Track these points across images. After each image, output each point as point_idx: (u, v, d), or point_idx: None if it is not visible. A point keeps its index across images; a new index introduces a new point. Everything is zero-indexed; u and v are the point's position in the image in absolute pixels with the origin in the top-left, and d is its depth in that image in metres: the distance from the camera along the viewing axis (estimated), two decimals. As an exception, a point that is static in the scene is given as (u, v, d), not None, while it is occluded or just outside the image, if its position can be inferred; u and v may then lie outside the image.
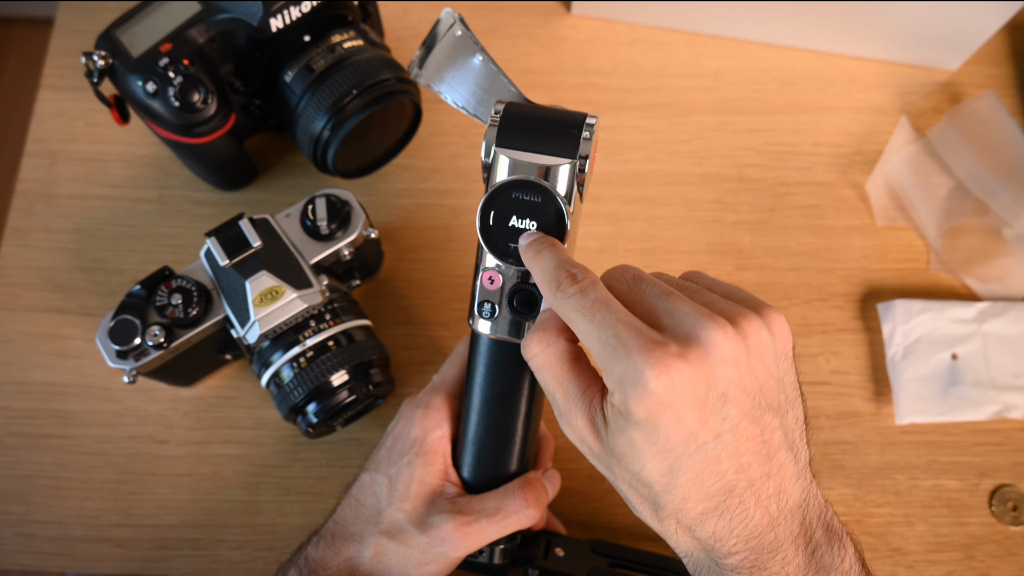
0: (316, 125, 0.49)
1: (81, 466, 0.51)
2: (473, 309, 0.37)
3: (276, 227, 0.46)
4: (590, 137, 0.34)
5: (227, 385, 0.53)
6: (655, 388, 0.27)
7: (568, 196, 0.34)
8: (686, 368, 0.28)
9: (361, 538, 0.40)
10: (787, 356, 0.32)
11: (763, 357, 0.30)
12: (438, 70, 0.39)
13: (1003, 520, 0.51)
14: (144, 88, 0.47)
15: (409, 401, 0.45)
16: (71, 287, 0.55)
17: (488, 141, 0.35)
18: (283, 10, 0.48)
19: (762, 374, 0.30)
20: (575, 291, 0.30)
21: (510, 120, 0.35)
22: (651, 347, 0.28)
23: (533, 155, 0.34)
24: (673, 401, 0.28)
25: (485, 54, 0.39)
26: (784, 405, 0.31)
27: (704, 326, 0.28)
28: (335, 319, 0.46)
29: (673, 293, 0.30)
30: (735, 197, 0.59)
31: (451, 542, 0.38)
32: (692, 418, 0.28)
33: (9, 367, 0.53)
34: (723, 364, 0.28)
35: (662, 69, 0.62)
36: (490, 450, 0.40)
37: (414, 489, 0.40)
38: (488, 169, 0.35)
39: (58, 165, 0.58)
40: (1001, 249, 0.56)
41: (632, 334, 0.28)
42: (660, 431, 0.28)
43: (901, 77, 0.62)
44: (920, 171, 0.58)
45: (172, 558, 0.49)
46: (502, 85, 0.39)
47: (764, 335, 0.30)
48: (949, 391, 0.52)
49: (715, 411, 0.28)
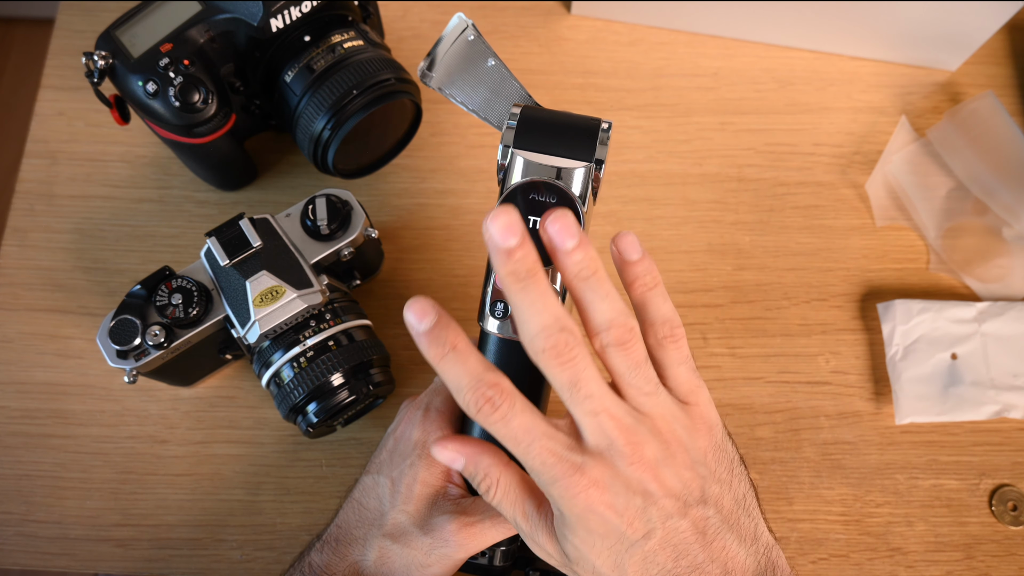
0: (316, 125, 0.49)
1: (81, 466, 0.51)
2: (485, 308, 0.37)
3: (276, 227, 0.46)
4: (606, 142, 0.35)
5: (227, 385, 0.53)
6: (581, 504, 0.31)
7: (583, 198, 0.35)
8: (605, 484, 0.31)
9: (365, 541, 0.40)
10: (714, 446, 0.35)
11: (683, 459, 0.33)
12: (449, 74, 0.39)
13: (1003, 520, 0.51)
14: (144, 88, 0.47)
15: (409, 402, 0.45)
16: (71, 287, 0.55)
17: (505, 143, 0.36)
18: (283, 10, 0.48)
19: (685, 475, 0.33)
20: (497, 419, 0.31)
21: (527, 123, 0.36)
22: (572, 472, 0.31)
23: (550, 157, 0.35)
24: (598, 509, 0.31)
25: (497, 58, 0.39)
26: (718, 494, 0.34)
27: (617, 445, 0.31)
28: (335, 319, 0.46)
29: (595, 400, 0.32)
30: (735, 197, 0.59)
31: (454, 543, 0.38)
32: (618, 521, 0.32)
33: (9, 367, 0.53)
34: (639, 476, 0.32)
35: (662, 69, 0.62)
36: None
37: (417, 491, 0.40)
38: (504, 171, 0.36)
39: (58, 165, 0.58)
40: (1001, 249, 0.56)
41: (556, 461, 0.31)
42: (594, 533, 0.32)
43: (901, 77, 0.63)
44: (920, 171, 0.58)
45: (172, 558, 0.49)
46: (513, 89, 0.39)
47: (683, 434, 0.34)
48: (949, 391, 0.52)
49: (638, 515, 0.32)
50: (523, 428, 0.31)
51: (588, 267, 0.32)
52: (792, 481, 0.51)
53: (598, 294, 0.32)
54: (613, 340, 0.32)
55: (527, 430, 0.31)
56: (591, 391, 0.31)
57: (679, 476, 0.33)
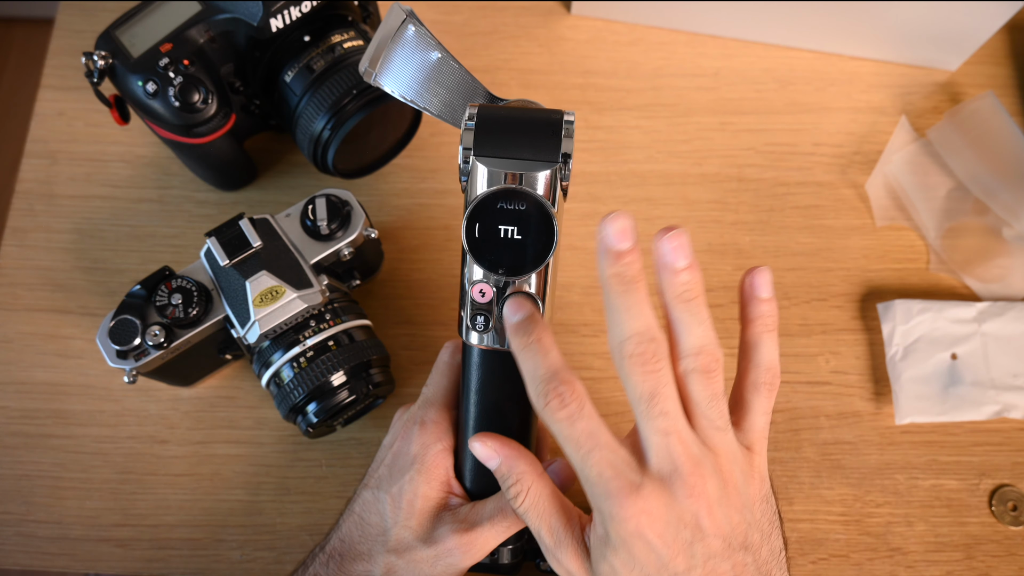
0: (316, 125, 0.49)
1: (81, 466, 0.51)
2: (464, 323, 0.36)
3: (276, 227, 0.46)
4: (570, 135, 0.33)
5: (227, 385, 0.53)
6: (631, 527, 0.31)
7: (553, 200, 0.34)
8: (659, 511, 0.31)
9: (370, 557, 0.40)
10: (763, 497, 0.35)
11: (736, 502, 0.33)
12: (393, 71, 0.37)
13: (1003, 520, 0.51)
14: (144, 88, 0.47)
15: (402, 414, 0.44)
16: (71, 287, 0.55)
17: (464, 147, 0.34)
18: (283, 10, 0.48)
19: (734, 518, 0.33)
20: (563, 417, 0.31)
21: (485, 125, 0.34)
22: (628, 492, 0.31)
23: (513, 162, 0.33)
24: (647, 536, 0.31)
25: (443, 50, 0.37)
26: (758, 543, 0.34)
27: (681, 473, 0.31)
28: (335, 319, 0.46)
29: (669, 419, 0.31)
30: (735, 197, 0.59)
31: (458, 553, 0.38)
32: (664, 551, 0.31)
33: (9, 367, 0.53)
34: (694, 510, 0.31)
35: (662, 69, 0.62)
36: None
37: (419, 506, 0.40)
38: (467, 175, 0.34)
39: (58, 165, 0.58)
40: (1001, 249, 0.56)
41: (613, 476, 0.31)
42: (636, 559, 0.31)
43: (901, 77, 0.63)
44: (920, 171, 0.58)
45: (172, 558, 0.49)
46: (465, 82, 0.37)
47: (739, 478, 0.33)
48: (949, 391, 0.52)
49: (684, 549, 0.31)
50: (587, 433, 0.31)
51: (693, 289, 0.32)
52: (792, 481, 0.51)
53: (696, 317, 0.32)
54: (700, 366, 0.32)
55: (590, 435, 0.31)
56: (667, 409, 0.31)
57: (730, 518, 0.32)
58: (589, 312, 0.55)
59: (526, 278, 0.35)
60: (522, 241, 0.34)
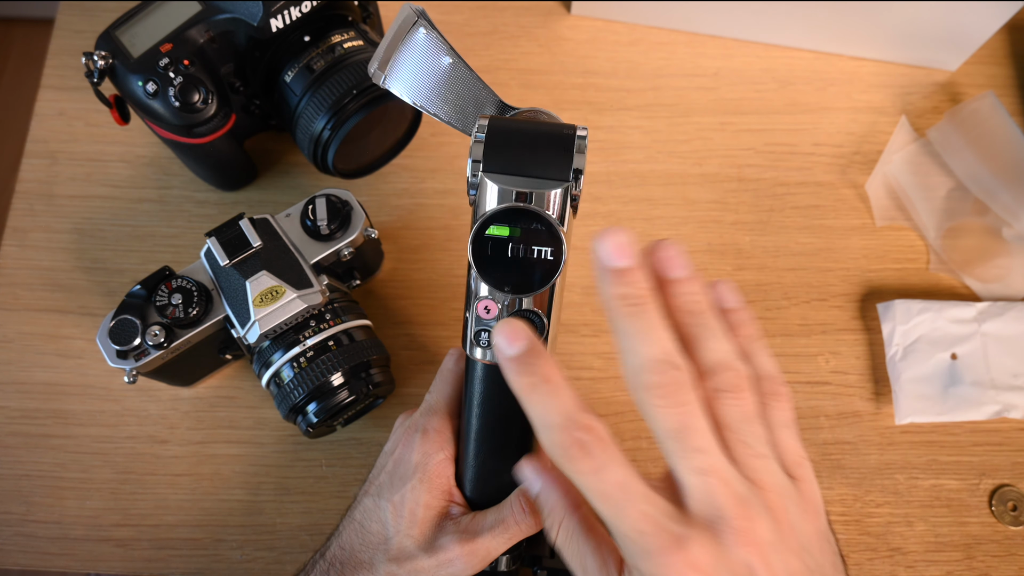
0: (316, 125, 0.49)
1: (81, 466, 0.51)
2: (469, 339, 0.36)
3: (276, 227, 0.46)
4: (583, 151, 0.32)
5: (227, 385, 0.53)
6: None
7: (562, 218, 0.33)
8: (707, 566, 0.26)
9: (372, 566, 0.39)
10: (819, 534, 0.31)
11: (792, 544, 0.29)
12: (401, 73, 0.35)
13: (1003, 520, 0.51)
14: (144, 88, 0.47)
15: (403, 420, 0.44)
16: (71, 287, 0.55)
17: (474, 159, 0.32)
18: (283, 10, 0.48)
19: (793, 564, 0.28)
20: (588, 469, 0.27)
21: (496, 139, 0.32)
22: (672, 548, 0.26)
23: (524, 179, 0.32)
24: None
25: (455, 55, 0.35)
26: None
27: (727, 517, 0.27)
28: (335, 319, 0.46)
29: (705, 457, 0.28)
30: (735, 197, 0.59)
31: (459, 563, 0.38)
32: None
33: (9, 367, 0.53)
34: (747, 559, 0.27)
35: (662, 69, 0.62)
36: (493, 470, 0.40)
37: (420, 515, 0.39)
38: (475, 188, 0.33)
39: (58, 165, 0.58)
40: (1001, 249, 0.56)
41: (653, 531, 0.27)
42: None
43: (901, 77, 0.63)
44: (920, 171, 0.58)
45: (172, 558, 0.49)
46: (476, 88, 0.36)
47: (793, 515, 0.29)
48: (949, 391, 0.52)
49: None
50: (618, 485, 0.27)
51: (701, 301, 0.29)
52: (792, 481, 0.51)
53: (712, 331, 0.29)
54: (726, 384, 0.29)
55: (622, 487, 0.27)
56: (701, 445, 0.27)
57: (787, 565, 0.28)
58: (589, 312, 0.55)
59: (532, 297, 0.34)
60: (530, 260, 0.33)
